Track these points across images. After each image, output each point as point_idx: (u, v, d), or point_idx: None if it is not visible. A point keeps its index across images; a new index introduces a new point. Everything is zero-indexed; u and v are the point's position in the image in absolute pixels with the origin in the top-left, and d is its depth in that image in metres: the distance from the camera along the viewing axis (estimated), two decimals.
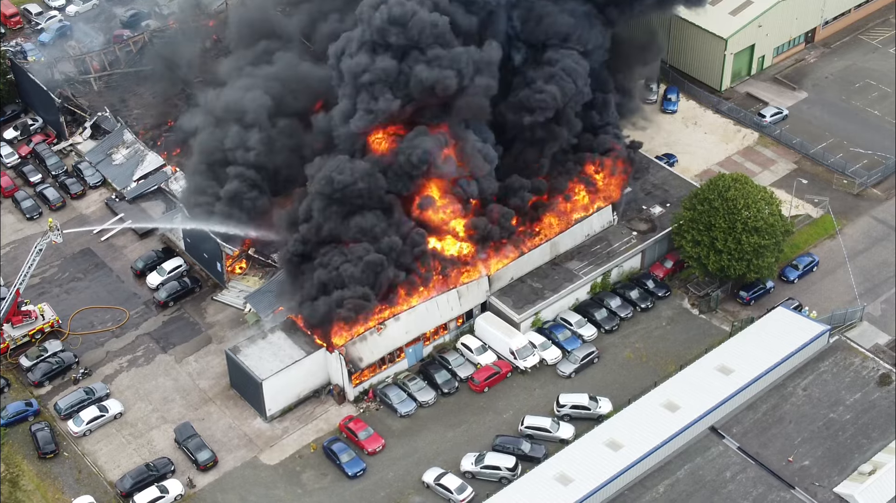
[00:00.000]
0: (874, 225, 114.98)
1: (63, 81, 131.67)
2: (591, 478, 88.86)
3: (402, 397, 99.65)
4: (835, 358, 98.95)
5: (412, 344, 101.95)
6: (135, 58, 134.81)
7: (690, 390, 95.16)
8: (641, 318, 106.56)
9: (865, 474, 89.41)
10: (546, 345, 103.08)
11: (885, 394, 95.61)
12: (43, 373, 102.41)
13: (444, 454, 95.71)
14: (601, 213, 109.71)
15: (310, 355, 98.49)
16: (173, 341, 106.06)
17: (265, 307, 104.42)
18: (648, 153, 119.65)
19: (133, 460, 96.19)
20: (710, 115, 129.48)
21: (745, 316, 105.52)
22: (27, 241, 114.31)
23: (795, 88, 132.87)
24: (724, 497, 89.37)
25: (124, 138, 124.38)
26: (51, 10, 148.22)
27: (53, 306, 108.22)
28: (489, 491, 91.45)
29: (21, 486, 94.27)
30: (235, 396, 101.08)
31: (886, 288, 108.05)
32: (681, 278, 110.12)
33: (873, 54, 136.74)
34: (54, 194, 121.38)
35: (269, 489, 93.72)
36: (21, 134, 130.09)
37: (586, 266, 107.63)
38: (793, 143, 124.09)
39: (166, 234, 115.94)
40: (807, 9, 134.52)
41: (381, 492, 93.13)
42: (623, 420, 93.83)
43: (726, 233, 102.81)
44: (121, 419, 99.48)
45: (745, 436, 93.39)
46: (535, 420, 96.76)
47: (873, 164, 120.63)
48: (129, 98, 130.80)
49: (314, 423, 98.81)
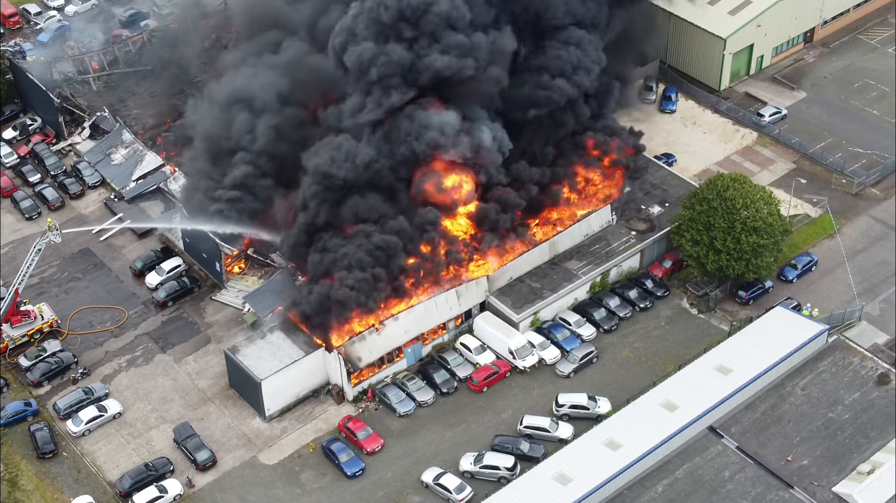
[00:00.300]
0: (873, 224, 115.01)
1: (62, 81, 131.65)
2: (590, 477, 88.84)
3: (401, 397, 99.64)
4: (833, 357, 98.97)
5: (411, 344, 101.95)
6: (134, 58, 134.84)
7: (689, 390, 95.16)
8: (640, 318, 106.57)
9: (864, 474, 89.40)
10: (545, 345, 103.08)
11: (883, 394, 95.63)
12: (42, 373, 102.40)
13: (443, 454, 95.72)
14: (600, 212, 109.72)
15: (309, 355, 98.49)
16: (172, 341, 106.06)
17: (264, 307, 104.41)
18: (647, 153, 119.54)
19: (132, 460, 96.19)
20: (708, 114, 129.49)
21: (743, 315, 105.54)
22: (26, 241, 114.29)
23: (794, 88, 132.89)
24: (722, 496, 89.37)
25: (123, 138, 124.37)
26: (50, 9, 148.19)
27: (52, 306, 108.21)
28: (488, 490, 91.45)
29: (20, 486, 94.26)
30: (234, 396, 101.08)
31: (885, 287, 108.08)
32: (680, 278, 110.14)
33: (872, 54, 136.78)
34: (53, 194, 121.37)
35: (268, 489, 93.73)
36: (20, 134, 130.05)
37: (585, 266, 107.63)
38: (791, 142, 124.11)
39: (165, 234, 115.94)
40: (806, 8, 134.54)
41: (380, 492, 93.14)
42: (622, 420, 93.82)
43: (725, 232, 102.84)
44: (120, 419, 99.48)
45: (744, 435, 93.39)
46: (534, 420, 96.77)
47: (872, 164, 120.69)
48: (127, 98, 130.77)
49: (313, 423, 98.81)
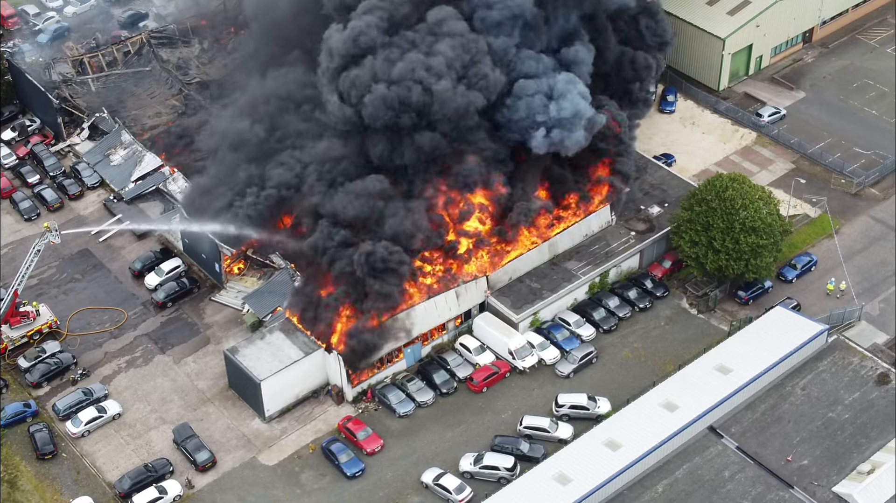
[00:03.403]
0: (872, 224, 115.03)
1: (61, 82, 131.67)
2: (590, 477, 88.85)
3: (401, 397, 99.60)
4: (833, 357, 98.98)
5: (411, 344, 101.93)
6: (132, 58, 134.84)
7: (689, 390, 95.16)
8: (640, 318, 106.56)
9: (864, 473, 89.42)
10: (544, 346, 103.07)
11: (883, 394, 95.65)
12: (41, 374, 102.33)
13: (443, 454, 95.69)
14: (599, 213, 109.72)
15: (308, 355, 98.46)
16: (172, 342, 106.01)
17: (263, 308, 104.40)
18: (646, 153, 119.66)
19: (132, 461, 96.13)
20: (708, 114, 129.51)
21: (743, 315, 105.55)
22: (25, 242, 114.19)
23: (793, 88, 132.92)
24: (722, 496, 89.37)
25: (122, 139, 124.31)
26: (48, 10, 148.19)
27: (52, 307, 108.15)
28: (488, 491, 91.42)
29: (19, 487, 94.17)
30: (234, 397, 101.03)
31: (884, 287, 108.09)
32: (679, 278, 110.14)
33: (871, 54, 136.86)
34: (52, 195, 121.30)
35: (268, 489, 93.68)
36: (19, 135, 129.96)
37: (585, 266, 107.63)
38: (791, 142, 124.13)
39: (164, 235, 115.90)
40: (805, 9, 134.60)
41: (380, 493, 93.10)
42: (622, 420, 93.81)
43: (724, 232, 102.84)
44: (119, 420, 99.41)
45: (744, 435, 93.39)
46: (534, 420, 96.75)
47: (871, 164, 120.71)
48: (126, 99, 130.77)
49: (313, 424, 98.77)
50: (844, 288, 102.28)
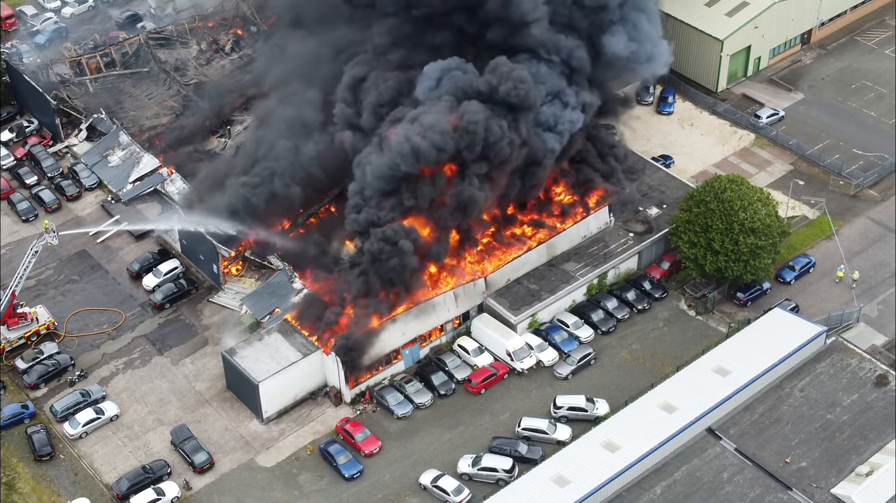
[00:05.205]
0: (871, 226, 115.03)
1: (58, 83, 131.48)
2: (589, 479, 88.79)
3: (399, 399, 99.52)
4: (832, 359, 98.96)
5: (409, 346, 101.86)
6: (130, 59, 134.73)
7: (687, 391, 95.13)
8: (638, 320, 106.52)
9: (863, 475, 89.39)
10: (543, 347, 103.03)
11: (881, 395, 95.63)
12: (39, 376, 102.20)
13: (441, 456, 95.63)
14: (598, 214, 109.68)
15: (306, 357, 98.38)
16: (169, 343, 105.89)
17: (261, 309, 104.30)
18: (645, 154, 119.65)
19: (129, 462, 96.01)
20: (706, 116, 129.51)
21: (741, 317, 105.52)
22: (23, 244, 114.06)
23: (792, 90, 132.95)
24: (721, 498, 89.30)
25: (120, 140, 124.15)
26: (46, 11, 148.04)
27: (49, 308, 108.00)
28: (486, 493, 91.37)
29: (17, 489, 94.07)
30: (232, 398, 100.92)
31: (883, 289, 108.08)
32: (677, 279, 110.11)
33: (869, 55, 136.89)
34: (50, 196, 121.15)
35: (266, 491, 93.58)
36: (16, 136, 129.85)
37: (583, 267, 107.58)
38: (789, 144, 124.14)
39: (162, 236, 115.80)
40: (803, 10, 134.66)
41: (378, 494, 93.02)
42: (620, 421, 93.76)
43: (723, 234, 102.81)
44: (117, 421, 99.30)
45: (743, 437, 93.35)
46: (532, 422, 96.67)
47: (869, 165, 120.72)
48: (124, 100, 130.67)
49: (311, 425, 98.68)
50: (857, 277, 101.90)
